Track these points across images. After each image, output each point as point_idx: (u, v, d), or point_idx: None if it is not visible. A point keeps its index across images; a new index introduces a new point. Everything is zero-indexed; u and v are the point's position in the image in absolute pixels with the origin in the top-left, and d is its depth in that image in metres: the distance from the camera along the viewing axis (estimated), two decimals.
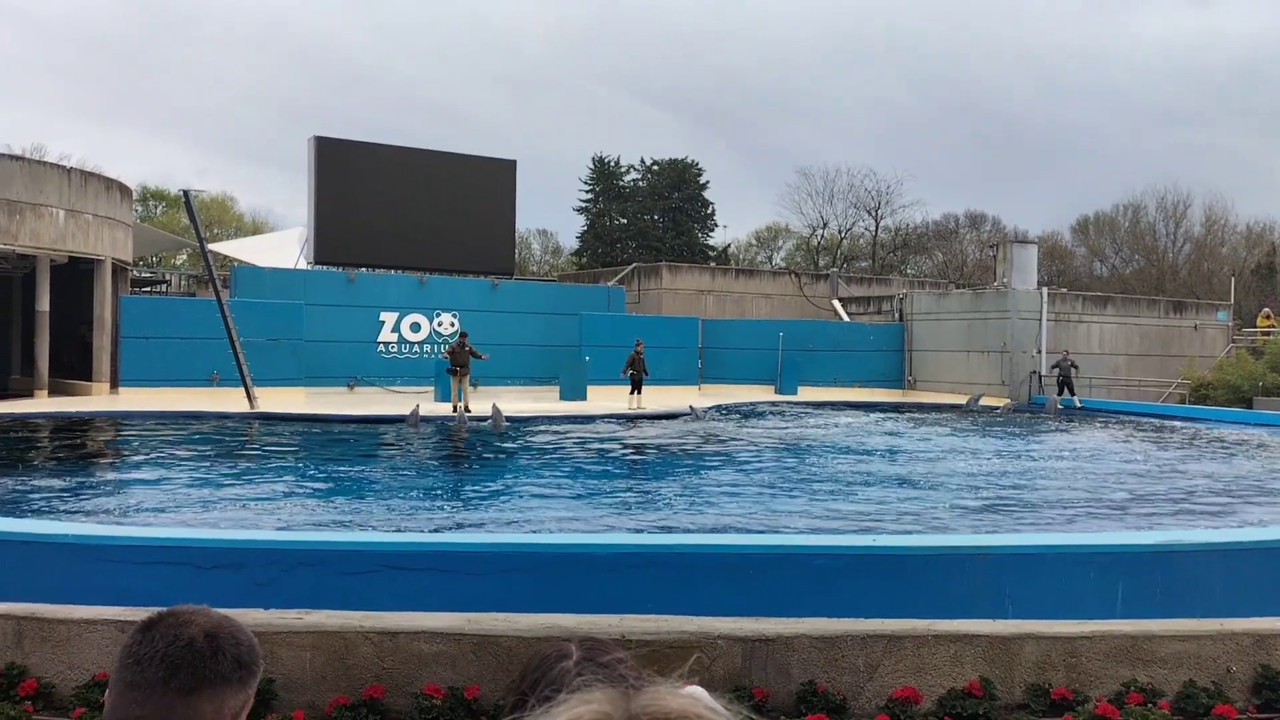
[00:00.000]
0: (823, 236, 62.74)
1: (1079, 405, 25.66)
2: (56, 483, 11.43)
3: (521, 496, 11.61)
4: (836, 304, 36.54)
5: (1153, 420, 23.56)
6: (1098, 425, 22.17)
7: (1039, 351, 28.91)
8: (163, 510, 9.80)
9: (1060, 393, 25.96)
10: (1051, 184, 79.90)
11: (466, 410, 20.24)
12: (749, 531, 9.31)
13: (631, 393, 23.33)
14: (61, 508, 9.77)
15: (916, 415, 24.25)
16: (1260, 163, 75.40)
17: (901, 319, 32.52)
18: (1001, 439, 19.05)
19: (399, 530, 9.01)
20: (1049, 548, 6.34)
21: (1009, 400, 26.72)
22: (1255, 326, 33.61)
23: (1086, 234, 60.85)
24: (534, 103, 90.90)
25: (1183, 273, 55.17)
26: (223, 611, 1.50)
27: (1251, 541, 6.72)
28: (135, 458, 14.28)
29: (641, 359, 23.54)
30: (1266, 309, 35.19)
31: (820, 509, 10.77)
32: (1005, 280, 29.70)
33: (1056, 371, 26.38)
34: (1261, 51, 78.37)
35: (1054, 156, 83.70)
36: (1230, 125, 79.02)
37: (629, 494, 11.95)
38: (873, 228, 61.69)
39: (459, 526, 9.58)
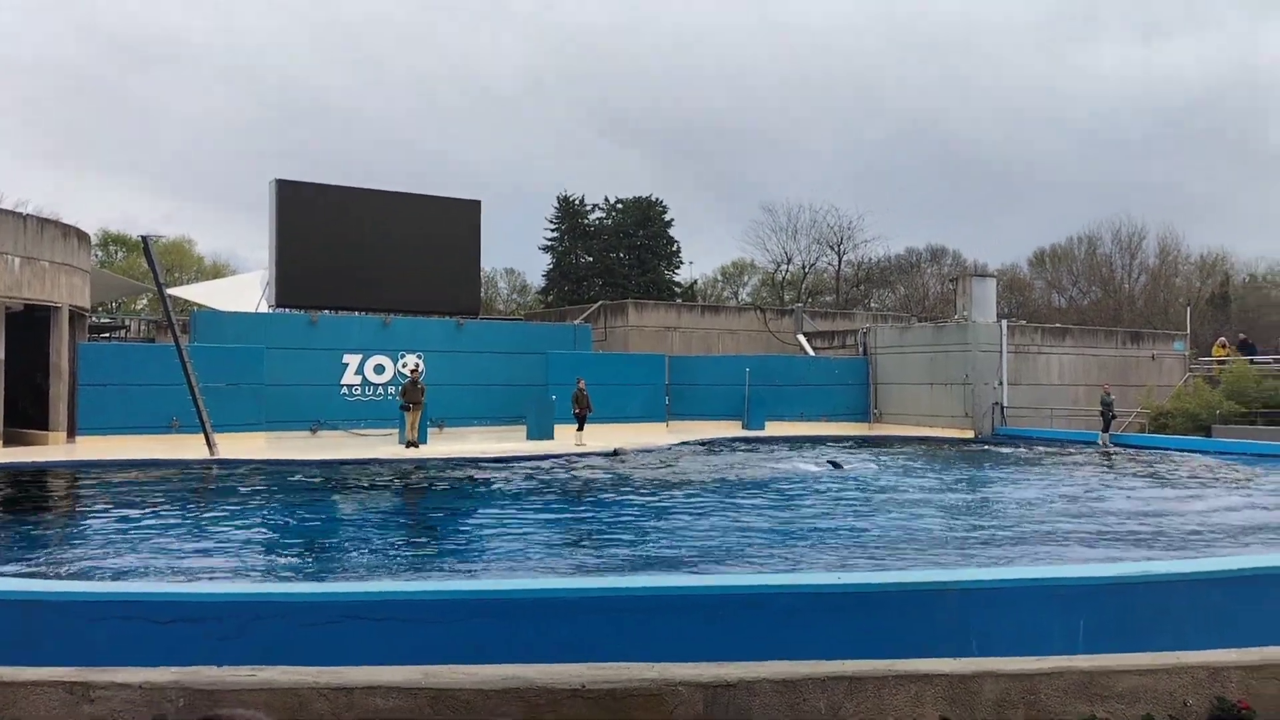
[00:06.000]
0: (787, 272, 63.34)
1: (1109, 444, 24.65)
2: (7, 536, 11.17)
3: (485, 539, 11.51)
4: (802, 339, 36.80)
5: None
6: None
7: (1000, 383, 29.27)
8: (118, 562, 9.59)
9: (1105, 429, 25.08)
10: (1011, 217, 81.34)
11: (416, 446, 20.32)
12: (719, 571, 9.28)
13: (579, 430, 23.46)
14: (12, 562, 9.54)
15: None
16: (1211, 194, 77.35)
17: (865, 353, 32.81)
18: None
19: (359, 579, 8.88)
20: (1012, 581, 6.37)
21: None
22: (1211, 356, 34.24)
23: (1044, 266, 61.90)
24: (502, 140, 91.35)
25: (1139, 303, 56.18)
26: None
27: (1208, 572, 6.79)
28: (90, 509, 13.99)
29: (586, 396, 23.83)
30: (1222, 338, 35.90)
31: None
32: (965, 313, 30.10)
33: (1104, 409, 25.22)
34: (1210, 87, 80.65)
35: (1014, 190, 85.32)
36: (1182, 158, 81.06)
37: (593, 535, 11.88)
38: (836, 263, 62.39)
39: (418, 573, 9.47)
